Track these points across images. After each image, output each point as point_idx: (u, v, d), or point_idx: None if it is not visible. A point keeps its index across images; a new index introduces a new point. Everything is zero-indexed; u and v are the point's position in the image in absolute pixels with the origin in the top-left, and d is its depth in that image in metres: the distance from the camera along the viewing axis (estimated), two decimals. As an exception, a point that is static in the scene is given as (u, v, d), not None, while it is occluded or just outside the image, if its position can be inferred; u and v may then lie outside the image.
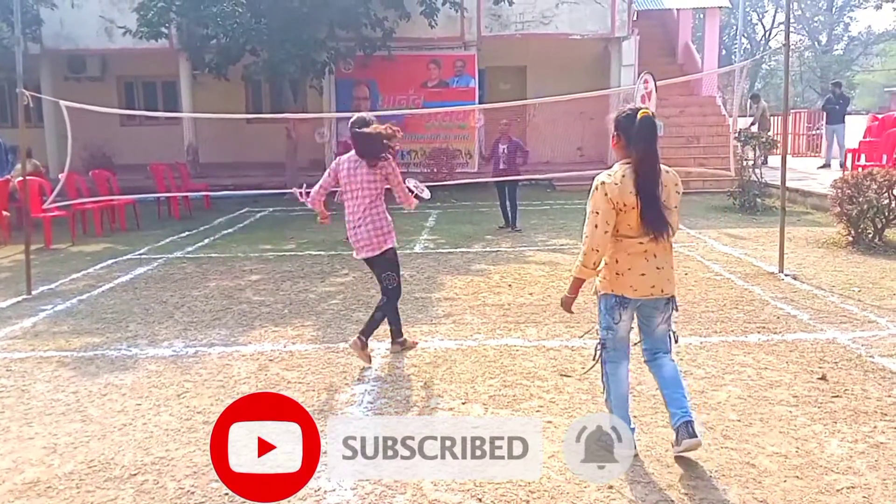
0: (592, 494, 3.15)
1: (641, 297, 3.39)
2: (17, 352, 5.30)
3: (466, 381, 4.49)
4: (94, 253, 9.35)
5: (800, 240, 8.94)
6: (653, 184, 3.26)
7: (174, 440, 3.77)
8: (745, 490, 3.18)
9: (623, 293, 3.38)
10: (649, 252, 3.34)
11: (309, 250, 9.21)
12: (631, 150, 3.30)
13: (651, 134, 3.28)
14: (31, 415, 4.14)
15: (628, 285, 3.36)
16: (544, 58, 17.02)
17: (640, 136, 3.26)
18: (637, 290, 3.37)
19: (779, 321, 5.65)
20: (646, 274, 3.35)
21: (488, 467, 3.39)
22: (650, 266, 3.35)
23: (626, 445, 3.45)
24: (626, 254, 3.34)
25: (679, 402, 3.47)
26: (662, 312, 3.46)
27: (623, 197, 3.25)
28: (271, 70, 13.44)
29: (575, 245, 9.10)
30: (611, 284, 3.40)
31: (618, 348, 3.50)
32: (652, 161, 3.27)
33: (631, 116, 3.31)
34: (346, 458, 3.48)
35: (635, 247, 3.33)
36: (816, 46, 44.13)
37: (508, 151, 10.17)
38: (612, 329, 3.46)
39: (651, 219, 3.26)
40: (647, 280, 3.36)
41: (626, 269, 3.35)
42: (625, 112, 3.36)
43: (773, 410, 4.01)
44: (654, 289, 3.37)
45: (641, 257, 3.34)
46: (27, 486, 3.32)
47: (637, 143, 3.27)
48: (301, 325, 5.81)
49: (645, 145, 3.26)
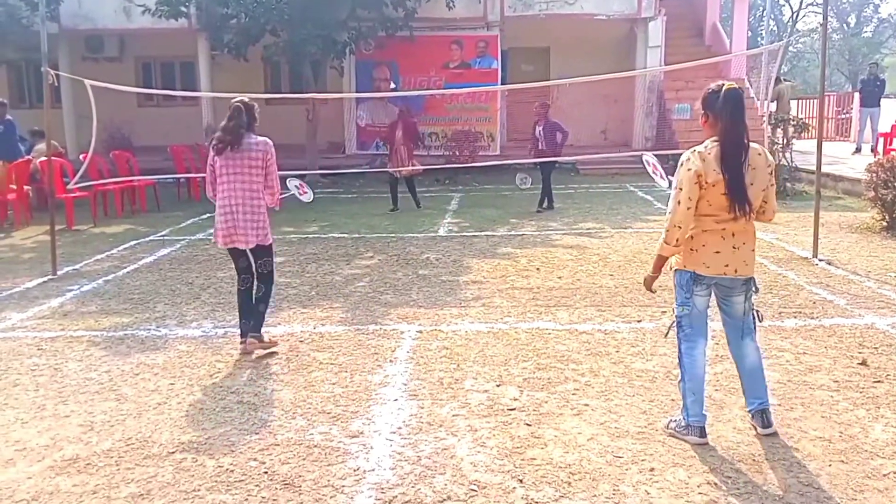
0: (634, 476, 3.10)
1: (715, 276, 3.34)
2: (48, 331, 5.32)
3: (499, 364, 4.45)
4: (116, 234, 9.39)
5: (832, 225, 8.77)
6: (738, 160, 3.20)
7: (209, 419, 3.76)
8: (789, 474, 3.12)
9: (695, 269, 3.34)
10: (727, 231, 3.29)
11: (332, 233, 9.18)
12: (717, 125, 3.25)
13: (736, 107, 3.22)
14: (65, 393, 4.15)
15: (701, 262, 3.32)
16: (568, 39, 16.78)
17: (724, 110, 3.22)
18: (710, 268, 3.32)
19: (815, 306, 5.54)
20: (720, 252, 3.30)
21: (527, 449, 3.36)
22: (726, 245, 3.30)
23: (694, 433, 3.37)
24: (702, 230, 3.30)
25: (757, 392, 3.46)
26: (740, 293, 3.40)
27: (708, 173, 3.20)
28: (292, 51, 13.35)
29: (602, 229, 9.01)
30: (684, 260, 3.38)
31: (694, 326, 3.41)
32: (737, 136, 3.21)
33: (716, 92, 3.26)
34: (384, 439, 3.47)
35: (712, 224, 3.29)
36: (845, 29, 43.25)
37: (546, 132, 10.11)
38: (687, 305, 3.40)
39: (734, 196, 3.20)
40: (721, 259, 3.31)
41: (701, 245, 3.32)
42: (710, 89, 3.32)
43: (814, 395, 3.93)
44: (727, 268, 3.32)
45: (718, 235, 3.29)
46: (67, 463, 3.33)
47: (722, 117, 3.22)
48: (329, 307, 5.79)
49: (730, 118, 3.21)
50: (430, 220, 9.94)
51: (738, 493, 2.96)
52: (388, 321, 5.37)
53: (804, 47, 43.40)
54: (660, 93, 16.17)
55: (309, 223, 9.92)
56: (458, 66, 15.95)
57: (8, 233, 9.72)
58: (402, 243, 8.34)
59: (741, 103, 3.24)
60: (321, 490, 3.04)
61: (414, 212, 10.53)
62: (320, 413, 3.80)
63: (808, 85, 39.22)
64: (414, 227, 9.41)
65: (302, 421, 3.71)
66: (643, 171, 14.44)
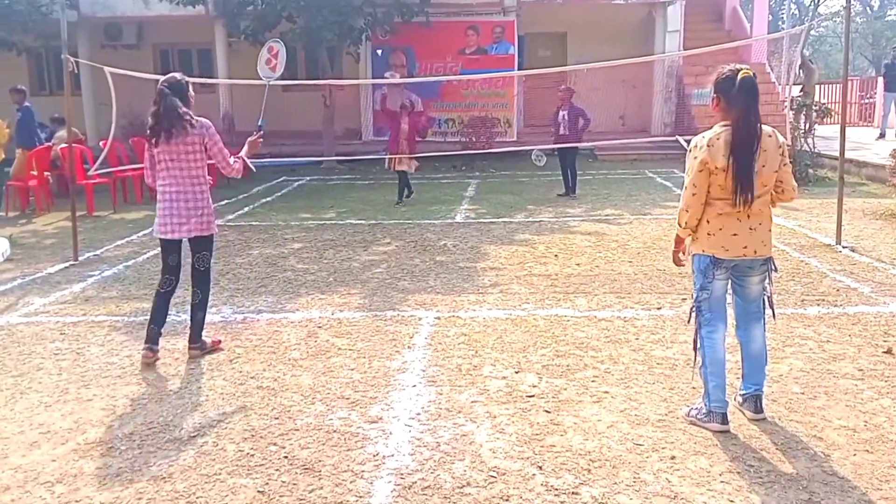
0: (655, 465, 3.08)
1: (734, 258, 3.33)
2: (70, 316, 5.38)
3: (518, 351, 4.43)
4: (136, 220, 9.46)
5: (856, 211, 8.63)
6: (748, 147, 3.18)
7: (230, 404, 3.79)
8: (813, 463, 3.08)
9: (714, 253, 3.34)
10: (742, 213, 3.28)
11: (349, 219, 9.19)
12: (730, 111, 3.23)
13: (751, 95, 3.20)
14: (87, 377, 4.20)
15: (720, 245, 3.32)
16: (585, 24, 16.59)
17: (739, 97, 3.19)
18: (728, 251, 3.32)
19: (839, 294, 5.46)
20: (738, 234, 3.30)
21: (546, 435, 3.35)
22: (742, 226, 3.30)
23: (716, 419, 3.34)
24: (717, 214, 3.31)
25: (756, 378, 3.47)
26: (758, 274, 3.40)
27: (715, 159, 3.20)
28: (308, 37, 13.33)
29: (620, 215, 8.94)
30: (702, 244, 3.38)
31: (713, 310, 3.41)
32: (751, 123, 3.19)
33: (731, 78, 3.24)
34: (403, 424, 3.48)
35: (726, 208, 3.28)
36: (868, 12, 42.35)
37: (569, 118, 10.04)
38: (706, 289, 3.39)
39: (739, 182, 3.19)
40: (739, 240, 3.31)
41: (718, 229, 3.32)
42: (724, 74, 3.28)
43: (838, 384, 3.87)
44: (746, 249, 3.32)
45: (733, 217, 3.29)
46: (90, 446, 3.36)
47: (736, 104, 3.20)
48: (347, 293, 5.79)
49: (745, 106, 3.19)
50: (447, 206, 9.91)
51: (762, 482, 2.93)
52: (405, 307, 5.37)
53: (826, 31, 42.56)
54: (678, 78, 15.96)
55: (326, 209, 9.93)
56: (474, 51, 15.83)
57: (29, 219, 9.83)
58: (419, 230, 8.33)
59: (756, 91, 3.22)
60: (341, 475, 3.05)
61: (430, 198, 10.49)
62: (339, 398, 3.81)
63: (831, 69, 38.55)
64: (431, 213, 9.39)
65: (321, 406, 3.72)
66: (662, 156, 14.38)
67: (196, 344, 4.47)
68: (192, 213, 4.32)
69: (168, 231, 4.32)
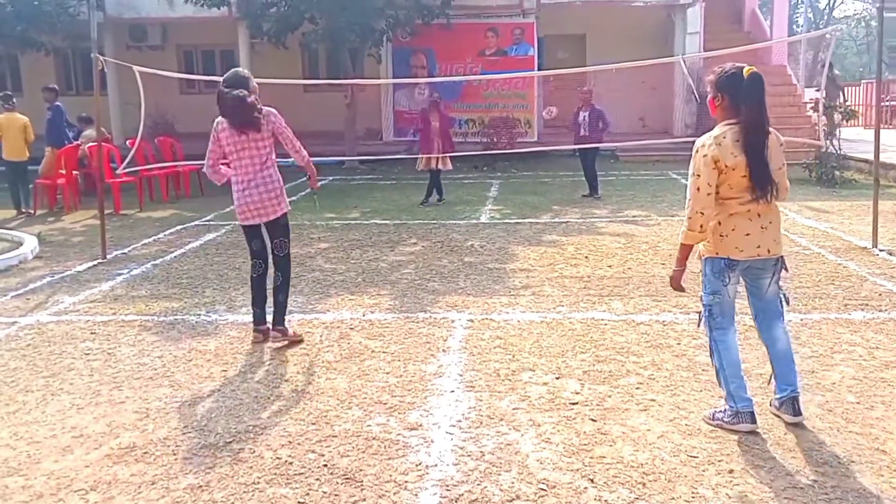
0: (713, 479, 2.94)
1: (748, 259, 3.27)
2: (100, 315, 5.32)
3: (556, 356, 4.31)
4: (162, 219, 9.43)
5: (887, 213, 8.41)
6: (761, 143, 3.16)
7: (264, 408, 3.69)
8: (880, 478, 2.93)
9: (729, 255, 3.27)
10: (752, 212, 3.23)
11: (374, 219, 9.10)
12: (739, 109, 3.17)
13: (761, 92, 3.17)
14: (119, 378, 4.12)
15: (734, 246, 3.26)
16: (605, 26, 16.46)
17: (749, 95, 3.15)
18: (743, 251, 3.25)
19: (882, 298, 5.29)
20: (751, 234, 3.24)
21: (595, 446, 3.23)
22: (754, 225, 3.24)
23: (745, 419, 3.25)
24: (729, 214, 3.25)
25: (788, 378, 3.38)
26: (771, 273, 3.34)
27: (725, 158, 3.15)
28: (330, 38, 13.30)
29: (647, 216, 8.79)
30: (715, 247, 3.31)
31: (725, 314, 3.36)
32: (761, 120, 3.17)
33: (736, 75, 3.19)
34: (444, 432, 3.36)
35: (737, 207, 3.22)
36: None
37: (590, 119, 9.90)
38: (719, 293, 3.33)
39: (758, 178, 3.16)
40: (753, 240, 3.25)
41: (730, 229, 3.25)
42: (726, 72, 3.22)
43: (895, 393, 3.72)
44: (759, 249, 3.26)
45: (745, 217, 3.23)
46: (124, 451, 3.28)
47: (746, 102, 3.15)
48: (377, 294, 5.69)
49: (755, 104, 3.15)
50: (471, 207, 9.79)
51: (828, 499, 2.79)
52: (437, 309, 5.26)
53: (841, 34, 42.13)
54: (699, 80, 15.76)
55: (350, 209, 9.85)
56: (494, 53, 15.73)
57: (58, 217, 9.85)
58: (445, 230, 8.22)
59: (764, 87, 3.18)
60: (384, 486, 2.94)
61: (454, 199, 10.38)
62: (376, 403, 3.70)
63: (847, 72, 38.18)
64: (455, 213, 9.28)
65: (358, 411, 3.62)
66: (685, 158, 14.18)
67: (280, 327, 4.59)
68: (264, 197, 4.51)
69: (247, 217, 4.57)
